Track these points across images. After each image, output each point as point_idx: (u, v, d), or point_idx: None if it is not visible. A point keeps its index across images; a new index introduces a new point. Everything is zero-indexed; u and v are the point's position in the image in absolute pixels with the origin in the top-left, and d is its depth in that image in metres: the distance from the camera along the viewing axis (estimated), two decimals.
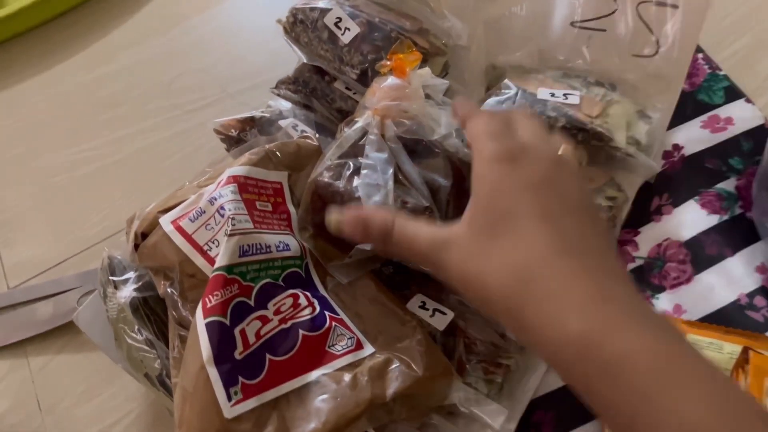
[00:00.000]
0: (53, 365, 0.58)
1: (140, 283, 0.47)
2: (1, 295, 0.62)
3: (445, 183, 0.47)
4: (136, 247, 0.47)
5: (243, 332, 0.42)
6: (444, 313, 0.49)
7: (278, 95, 0.65)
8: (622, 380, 0.29)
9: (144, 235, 0.47)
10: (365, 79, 0.56)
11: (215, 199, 0.45)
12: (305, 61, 0.61)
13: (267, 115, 0.62)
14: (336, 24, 0.59)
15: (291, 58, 0.64)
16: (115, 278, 0.48)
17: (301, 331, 0.44)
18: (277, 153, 0.51)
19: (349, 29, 0.59)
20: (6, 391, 0.57)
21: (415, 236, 0.38)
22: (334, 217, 0.41)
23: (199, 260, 0.44)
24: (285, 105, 0.66)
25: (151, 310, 0.47)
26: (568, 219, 0.34)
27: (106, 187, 0.70)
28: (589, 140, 0.53)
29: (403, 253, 0.39)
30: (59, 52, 0.82)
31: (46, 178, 0.72)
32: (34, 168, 0.73)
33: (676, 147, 0.59)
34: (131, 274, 0.48)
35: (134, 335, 0.46)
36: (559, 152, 0.38)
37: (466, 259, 0.35)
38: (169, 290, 0.45)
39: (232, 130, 0.61)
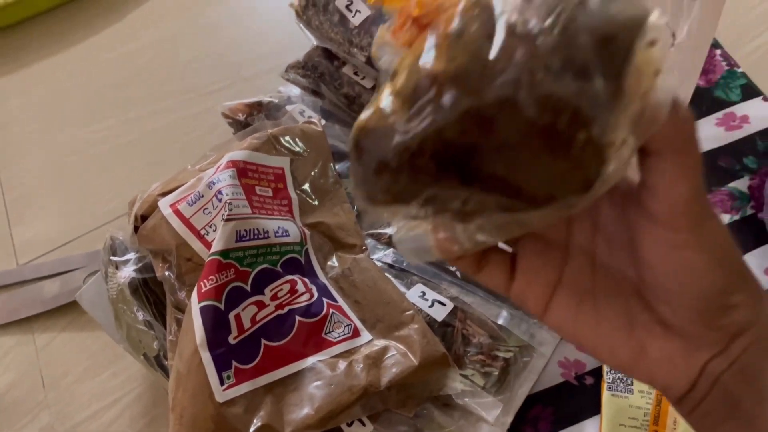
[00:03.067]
0: (58, 342, 0.59)
1: (140, 265, 0.48)
2: (10, 272, 0.63)
3: None
4: (136, 229, 0.47)
5: (238, 317, 0.43)
6: (443, 304, 0.49)
7: (287, 80, 0.65)
8: None
9: (144, 218, 0.47)
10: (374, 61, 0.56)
11: (213, 184, 0.45)
12: (316, 43, 0.61)
13: (275, 100, 0.62)
14: (347, 6, 0.59)
15: (304, 44, 0.64)
16: (116, 259, 0.48)
17: (297, 317, 0.45)
18: (280, 138, 0.50)
19: (359, 11, 0.58)
20: (11, 365, 0.58)
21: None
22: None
23: (196, 244, 0.44)
24: (294, 91, 0.66)
25: (150, 292, 0.48)
26: None
27: (117, 168, 0.70)
28: None
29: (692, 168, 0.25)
30: (77, 33, 0.83)
31: (59, 156, 0.72)
32: (47, 146, 0.73)
33: None
34: (132, 255, 0.48)
35: (133, 315, 0.46)
36: None
37: None
38: (167, 273, 0.45)
39: (240, 114, 0.61)
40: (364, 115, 0.24)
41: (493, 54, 0.21)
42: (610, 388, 0.47)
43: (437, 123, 0.22)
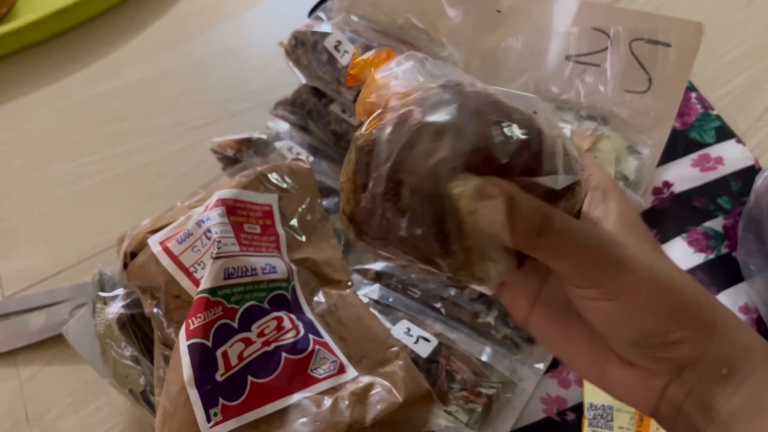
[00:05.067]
0: (42, 376, 0.59)
1: (129, 300, 0.48)
2: None
3: None
4: (125, 266, 0.48)
5: (225, 354, 0.43)
6: (428, 341, 0.50)
7: (276, 116, 0.66)
8: None
9: (133, 255, 0.48)
10: None
11: (203, 222, 0.46)
12: (305, 82, 0.63)
13: (264, 136, 0.63)
14: (335, 47, 0.61)
15: (291, 82, 0.65)
16: (104, 294, 0.49)
17: (283, 354, 0.45)
18: (268, 175, 0.51)
19: (347, 51, 0.60)
20: None
21: (582, 230, 0.28)
22: (471, 183, 0.26)
23: (184, 282, 0.45)
24: (283, 127, 0.67)
25: (138, 327, 0.48)
26: None
27: (105, 201, 0.71)
28: None
29: (564, 249, 0.27)
30: (66, 67, 0.84)
31: (47, 190, 0.72)
32: (35, 180, 0.74)
33: (666, 184, 0.59)
34: (120, 291, 0.49)
35: (120, 351, 0.47)
36: None
37: (649, 258, 0.29)
38: (155, 310, 0.46)
39: (229, 150, 0.62)
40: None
41: (364, 202, 0.28)
42: (590, 424, 0.48)
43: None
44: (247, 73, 0.79)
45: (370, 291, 0.54)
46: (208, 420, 0.41)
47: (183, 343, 0.42)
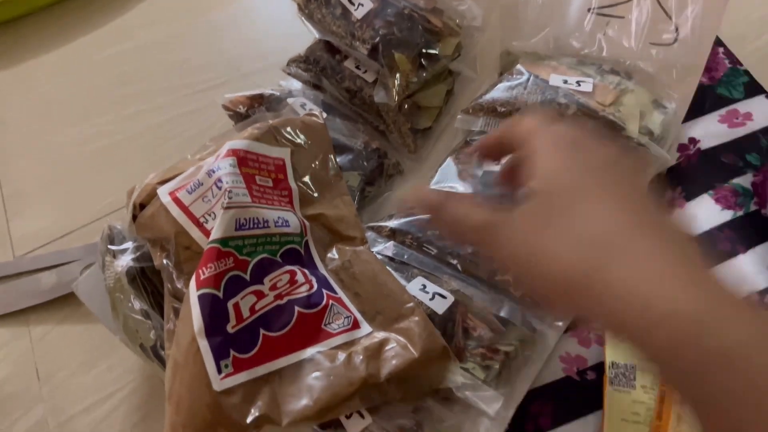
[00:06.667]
0: (53, 335, 0.58)
1: (138, 254, 0.47)
2: (6, 264, 0.63)
3: None
4: (134, 217, 0.46)
5: (237, 306, 0.42)
6: (444, 297, 0.48)
7: (289, 73, 0.64)
8: (729, 376, 0.25)
9: (142, 206, 0.47)
10: (376, 54, 0.56)
11: (213, 172, 0.45)
12: (318, 37, 0.61)
13: (276, 93, 0.62)
14: (350, 0, 0.59)
15: (304, 40, 0.64)
16: (114, 247, 0.48)
17: (297, 308, 0.44)
18: (281, 129, 0.50)
19: (362, 5, 0.58)
20: (6, 358, 0.57)
21: (468, 214, 0.35)
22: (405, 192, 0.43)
23: (195, 232, 0.44)
24: (296, 85, 0.66)
25: (148, 281, 0.47)
26: (641, 200, 0.31)
27: (115, 163, 0.70)
28: (600, 129, 0.52)
29: (454, 229, 0.36)
30: (76, 29, 0.83)
31: (57, 151, 0.72)
32: (46, 142, 0.73)
33: (692, 140, 0.57)
34: (129, 244, 0.48)
35: (130, 305, 0.46)
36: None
37: (526, 235, 0.32)
38: (165, 262, 0.45)
39: (241, 107, 0.60)
40: None
41: None
42: (612, 383, 0.46)
43: None
44: (258, 32, 0.78)
45: (384, 248, 0.52)
46: (219, 371, 0.40)
47: (193, 293, 0.41)
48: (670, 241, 0.30)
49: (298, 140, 0.52)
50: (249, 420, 0.39)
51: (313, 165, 0.52)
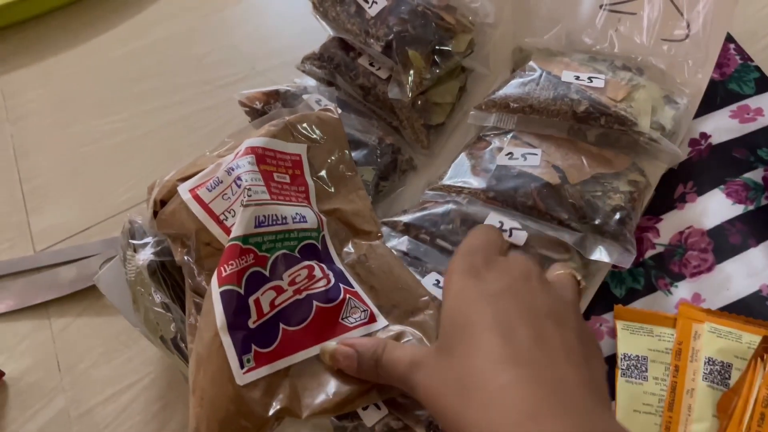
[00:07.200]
0: (74, 327, 0.59)
1: (159, 248, 0.48)
2: (26, 258, 0.64)
3: None
4: (155, 214, 0.47)
5: (257, 301, 0.43)
6: None
7: (304, 71, 0.65)
8: None
9: (163, 203, 0.47)
10: (390, 51, 0.56)
11: (233, 170, 0.45)
12: (332, 35, 0.62)
13: (292, 89, 0.63)
14: None
15: (319, 37, 0.65)
16: (134, 242, 0.49)
17: (315, 303, 0.45)
18: (297, 125, 0.51)
19: (376, 2, 0.59)
20: (27, 350, 0.59)
21: (398, 359, 0.38)
22: (329, 347, 0.42)
23: (215, 229, 0.45)
24: (310, 82, 0.66)
25: (168, 275, 0.48)
26: (525, 328, 0.32)
27: (133, 158, 0.71)
28: (612, 124, 0.52)
29: (388, 378, 0.39)
30: (95, 27, 0.84)
31: (76, 147, 0.73)
32: (65, 137, 0.74)
33: (704, 135, 0.58)
34: (150, 239, 0.49)
35: (151, 298, 0.47)
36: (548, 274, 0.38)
37: (430, 375, 0.35)
38: (185, 258, 0.45)
39: (257, 103, 0.61)
40: None
41: None
42: (624, 374, 0.47)
43: None
44: (273, 29, 0.79)
45: (398, 243, 0.53)
46: (242, 366, 0.41)
47: (215, 290, 0.42)
48: (539, 368, 0.31)
49: (314, 136, 0.52)
50: (270, 413, 0.40)
51: (329, 160, 0.53)
